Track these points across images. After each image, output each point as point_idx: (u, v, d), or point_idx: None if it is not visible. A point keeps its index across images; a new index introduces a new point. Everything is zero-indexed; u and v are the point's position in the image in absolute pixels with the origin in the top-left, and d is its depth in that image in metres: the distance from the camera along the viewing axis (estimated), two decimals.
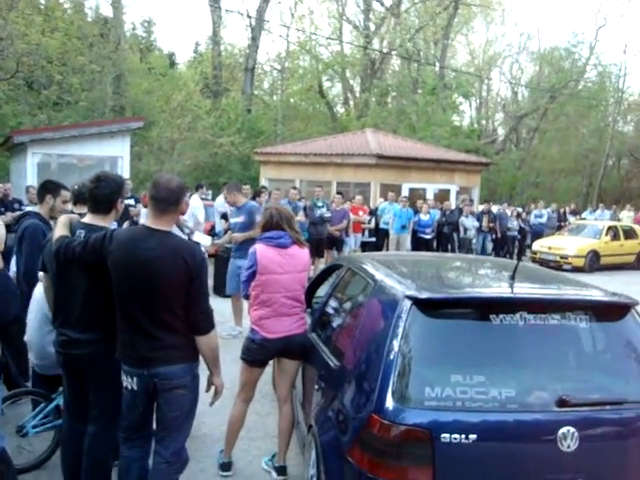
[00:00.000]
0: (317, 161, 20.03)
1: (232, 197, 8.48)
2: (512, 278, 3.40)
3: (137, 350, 3.34)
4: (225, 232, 12.18)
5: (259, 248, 4.31)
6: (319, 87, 36.00)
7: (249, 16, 33.22)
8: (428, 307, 3.12)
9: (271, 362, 4.55)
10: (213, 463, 4.58)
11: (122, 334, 3.41)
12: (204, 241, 8.40)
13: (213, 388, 3.60)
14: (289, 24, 35.04)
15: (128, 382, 3.41)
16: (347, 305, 4.18)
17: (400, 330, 3.05)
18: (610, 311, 3.38)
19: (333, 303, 4.54)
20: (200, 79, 30.54)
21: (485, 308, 3.13)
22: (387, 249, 15.95)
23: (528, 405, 2.94)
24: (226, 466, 4.49)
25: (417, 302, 3.11)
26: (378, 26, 37.03)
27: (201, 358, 3.49)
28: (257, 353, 4.32)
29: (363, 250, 15.37)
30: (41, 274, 4.23)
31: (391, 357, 2.98)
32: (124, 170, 14.79)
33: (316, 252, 12.91)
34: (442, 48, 37.48)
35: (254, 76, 35.32)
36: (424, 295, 3.14)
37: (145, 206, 3.24)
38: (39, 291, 4.24)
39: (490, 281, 4.04)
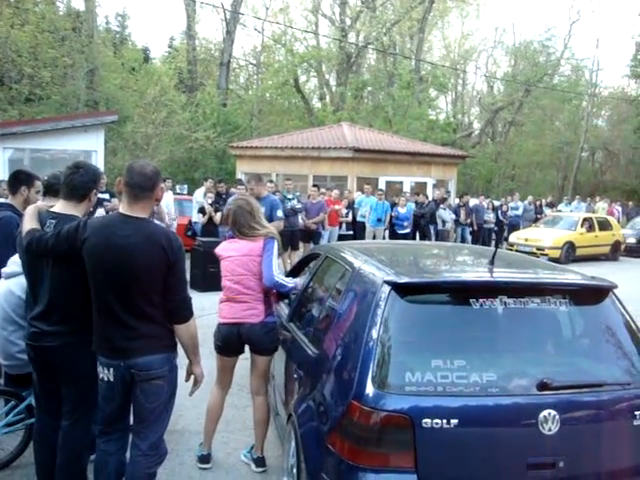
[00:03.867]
0: (293, 155, 19.98)
1: (257, 188, 8.45)
2: (491, 263, 3.38)
3: (113, 340, 3.26)
4: (203, 226, 12.09)
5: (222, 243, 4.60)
6: (295, 81, 35.87)
7: (224, 9, 32.98)
8: (407, 292, 3.08)
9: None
10: (192, 456, 4.52)
11: (97, 324, 3.33)
12: None
13: (192, 378, 3.54)
14: (264, 18, 34.90)
15: (104, 373, 3.33)
16: (325, 293, 4.13)
17: (379, 316, 3.01)
18: (589, 295, 3.37)
19: (311, 291, 4.49)
20: (175, 74, 30.27)
21: (465, 292, 3.11)
22: None
23: (509, 389, 2.91)
24: (205, 458, 4.45)
25: (396, 287, 3.07)
26: (354, 20, 36.97)
27: (179, 349, 3.43)
28: (216, 338, 4.39)
29: None
30: (5, 269, 4.15)
31: (370, 343, 2.95)
32: (98, 165, 14.60)
33: (290, 244, 12.93)
34: (418, 42, 37.55)
35: (229, 70, 35.12)
36: (403, 280, 3.10)
37: (120, 193, 3.19)
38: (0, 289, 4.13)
39: (469, 266, 4.01)
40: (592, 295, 3.37)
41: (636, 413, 3.03)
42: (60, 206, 3.59)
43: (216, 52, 36.44)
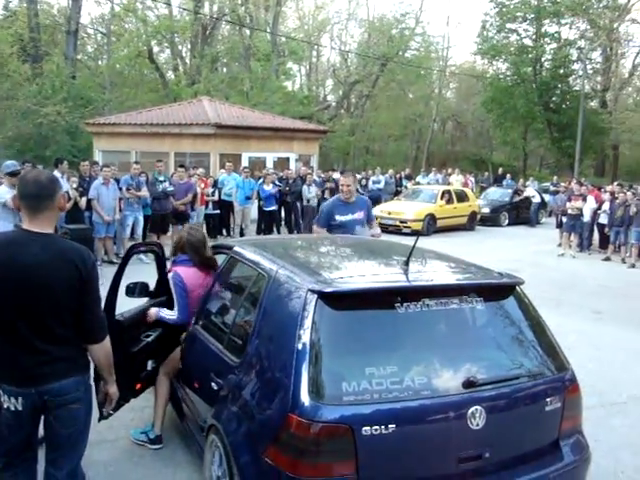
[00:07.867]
0: (154, 131, 19.43)
1: (353, 187, 6.44)
2: (406, 264, 3.44)
3: (21, 367, 3.00)
4: (67, 213, 11.30)
5: (182, 271, 4.56)
6: (148, 52, 34.56)
7: None
8: (334, 300, 3.09)
9: None
10: (99, 470, 4.33)
11: (1, 351, 3.05)
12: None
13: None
14: None
15: (10, 403, 3.05)
16: (238, 298, 4.06)
17: (308, 325, 3.00)
18: (500, 291, 3.56)
19: (220, 295, 4.38)
20: (15, 41, 28.12)
21: (389, 297, 3.16)
22: (233, 221, 15.85)
23: (439, 390, 3.02)
24: (158, 439, 4.67)
25: (322, 296, 3.07)
26: None
27: None
28: None
29: (207, 223, 15.10)
30: None
31: (302, 353, 2.94)
32: None
33: (161, 228, 12.82)
34: (274, 14, 37.28)
35: (77, 39, 33.20)
36: (329, 289, 3.10)
37: (19, 209, 2.87)
38: None
39: (389, 268, 3.96)
40: (502, 292, 3.56)
41: (547, 400, 3.29)
42: None
43: (61, 19, 34.28)
